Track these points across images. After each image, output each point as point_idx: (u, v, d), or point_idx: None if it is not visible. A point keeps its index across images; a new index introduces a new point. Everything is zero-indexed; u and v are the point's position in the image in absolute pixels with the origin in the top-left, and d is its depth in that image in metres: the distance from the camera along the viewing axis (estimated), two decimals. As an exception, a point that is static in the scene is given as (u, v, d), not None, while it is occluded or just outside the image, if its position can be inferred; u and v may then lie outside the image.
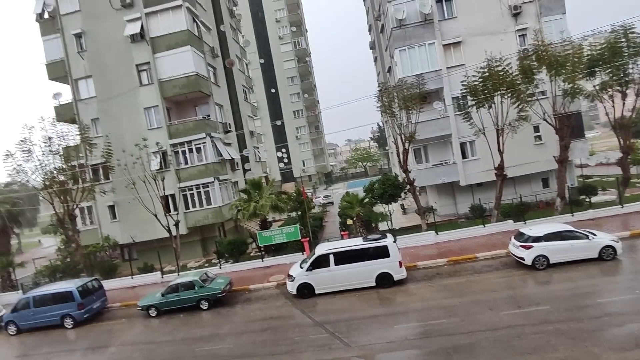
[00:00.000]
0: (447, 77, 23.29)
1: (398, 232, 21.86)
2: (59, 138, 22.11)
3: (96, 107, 26.01)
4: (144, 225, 24.78)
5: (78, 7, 25.96)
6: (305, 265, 15.36)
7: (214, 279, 17.10)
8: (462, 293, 13.15)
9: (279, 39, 70.63)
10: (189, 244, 25.91)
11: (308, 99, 71.77)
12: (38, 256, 31.27)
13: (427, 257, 17.76)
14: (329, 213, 38.40)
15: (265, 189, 23.24)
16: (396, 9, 23.80)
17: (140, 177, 21.81)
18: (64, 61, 26.32)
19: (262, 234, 21.45)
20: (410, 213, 29.73)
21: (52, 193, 21.86)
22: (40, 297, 16.74)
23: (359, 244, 15.21)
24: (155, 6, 24.90)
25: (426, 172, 24.85)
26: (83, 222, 26.47)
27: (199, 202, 25.54)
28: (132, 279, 22.07)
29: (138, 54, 25.34)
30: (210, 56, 28.58)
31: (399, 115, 20.90)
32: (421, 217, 21.68)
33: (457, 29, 23.52)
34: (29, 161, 21.42)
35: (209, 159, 25.38)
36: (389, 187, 22.95)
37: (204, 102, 27.51)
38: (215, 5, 31.54)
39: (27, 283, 23.49)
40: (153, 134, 24.96)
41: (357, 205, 22.71)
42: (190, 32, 25.28)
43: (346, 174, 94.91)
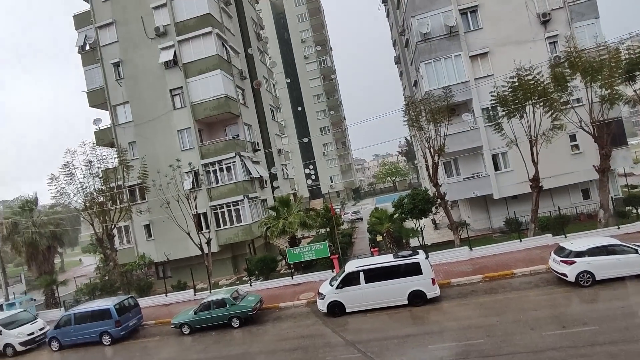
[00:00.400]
0: (476, 88, 22.89)
1: (430, 248, 21.30)
2: (99, 161, 23.35)
3: (133, 131, 27.34)
4: (177, 244, 25.47)
5: (116, 38, 27.68)
6: (335, 282, 15.19)
7: (245, 296, 17.20)
8: (500, 311, 12.53)
9: (305, 58, 72.12)
10: (220, 262, 26.32)
11: (334, 116, 72.36)
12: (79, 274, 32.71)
13: (461, 273, 17.14)
14: (358, 229, 38.03)
15: (293, 206, 23.39)
16: (420, 23, 23.83)
17: (174, 197, 22.53)
18: (104, 89, 27.99)
19: (292, 251, 21.48)
20: (442, 228, 28.96)
21: (92, 214, 22.94)
22: (81, 315, 17.38)
23: (389, 261, 14.90)
24: (187, 34, 26.16)
25: (457, 185, 24.24)
26: (120, 241, 27.51)
27: (229, 220, 26.01)
28: (166, 296, 22.57)
29: (171, 79, 26.59)
30: (239, 78, 29.54)
31: (427, 128, 20.64)
32: (454, 232, 21.04)
33: (484, 40, 23.20)
34: (71, 184, 22.69)
35: (238, 178, 25.93)
36: (419, 202, 22.52)
37: (233, 123, 28.32)
38: (243, 29, 32.76)
39: (68, 300, 24.51)
40: (186, 155, 25.87)
41: (386, 221, 22.38)
42: (220, 57, 26.30)
43: (374, 189, 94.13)
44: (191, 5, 26.18)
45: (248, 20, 33.51)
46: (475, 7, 23.44)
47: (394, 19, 37.12)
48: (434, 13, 23.67)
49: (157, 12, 26.81)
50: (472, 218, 25.85)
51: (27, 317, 19.52)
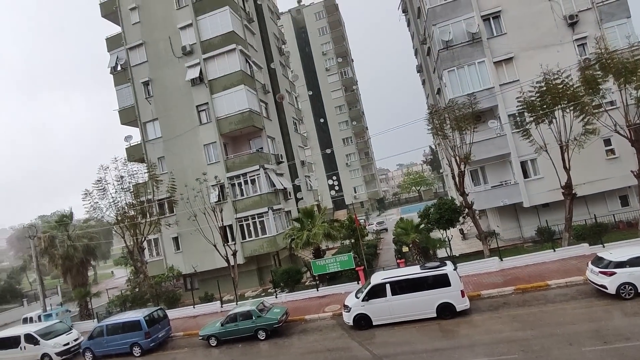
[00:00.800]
0: (501, 94, 22.39)
1: (458, 259, 20.73)
2: (130, 176, 24.19)
3: (162, 147, 28.28)
4: (204, 256, 25.93)
5: (145, 58, 28.92)
6: (360, 295, 14.98)
7: (271, 308, 17.22)
8: (534, 325, 11.97)
9: (326, 70, 72.89)
10: (246, 273, 26.54)
11: (357, 126, 72.41)
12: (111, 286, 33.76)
13: (492, 285, 16.55)
14: (383, 240, 37.52)
15: (317, 217, 23.39)
16: (442, 31, 23.68)
17: (201, 210, 23.01)
18: (134, 107, 29.20)
19: (316, 263, 21.40)
20: (471, 238, 28.17)
21: (124, 227, 23.71)
22: (112, 326, 17.86)
23: (416, 273, 14.59)
24: (212, 51, 27.03)
25: (485, 194, 23.60)
26: (150, 254, 28.26)
27: (254, 232, 26.28)
28: (193, 308, 22.90)
29: (198, 95, 27.44)
30: (262, 92, 30.14)
31: (452, 136, 20.29)
32: (483, 243, 20.42)
33: (508, 45, 22.75)
34: (104, 198, 23.57)
35: (262, 190, 26.25)
36: (445, 212, 22.04)
37: (257, 136, 28.82)
38: (266, 45, 33.53)
39: (101, 312, 25.27)
40: (212, 169, 26.48)
41: (412, 231, 22.00)
42: (244, 72, 26.96)
43: (399, 199, 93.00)
44: (216, 24, 27.09)
45: (270, 36, 34.31)
46: (497, 12, 23.09)
47: (415, 28, 37.05)
48: (455, 20, 23.49)
49: (184, 31, 27.89)
50: (502, 227, 25.02)
51: (63, 327, 20.25)
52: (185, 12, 27.88)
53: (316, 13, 74.28)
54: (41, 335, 18.80)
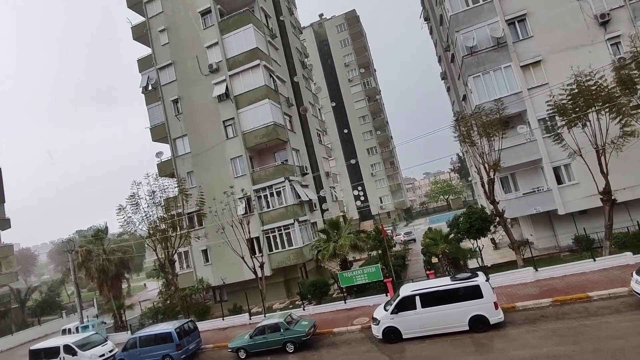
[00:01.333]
0: (530, 98, 21.74)
1: (490, 269, 20.01)
2: (161, 191, 24.97)
3: (191, 161, 29.13)
4: (232, 268, 26.27)
5: (174, 77, 30.09)
6: (389, 307, 14.69)
7: (299, 320, 17.16)
8: (576, 339, 11.33)
9: (349, 81, 73.31)
10: (273, 285, 26.64)
11: (381, 136, 72.09)
12: (143, 299, 34.67)
13: (527, 296, 15.84)
14: (412, 251, 36.80)
15: (343, 228, 23.25)
16: (465, 37, 23.37)
17: (229, 222, 23.40)
18: (165, 124, 30.30)
19: (343, 275, 21.22)
20: (503, 248, 27.20)
21: (155, 240, 24.42)
22: (145, 338, 18.28)
23: (447, 284, 14.18)
24: (237, 68, 27.80)
25: (516, 202, 22.79)
26: (180, 266, 28.91)
27: (281, 244, 26.43)
28: (223, 320, 23.14)
29: (224, 111, 28.20)
30: (286, 105, 30.61)
31: (479, 143, 19.80)
32: (516, 252, 19.64)
33: (535, 48, 22.15)
34: (137, 213, 24.38)
35: (288, 202, 26.45)
36: (475, 221, 21.41)
37: (281, 148, 29.20)
38: (289, 59, 34.16)
39: (134, 324, 25.95)
40: (238, 182, 26.97)
41: (441, 241, 21.48)
42: (268, 87, 27.52)
43: (427, 209, 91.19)
44: (240, 41, 27.90)
45: (293, 50, 34.95)
46: (523, 15, 22.59)
47: (438, 35, 36.77)
48: (479, 26, 23.14)
49: (210, 50, 28.87)
50: (536, 236, 24.03)
51: (98, 339, 20.92)
52: (211, 32, 28.91)
53: (337, 26, 75.23)
54: (79, 347, 19.48)
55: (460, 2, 23.91)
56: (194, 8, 29.56)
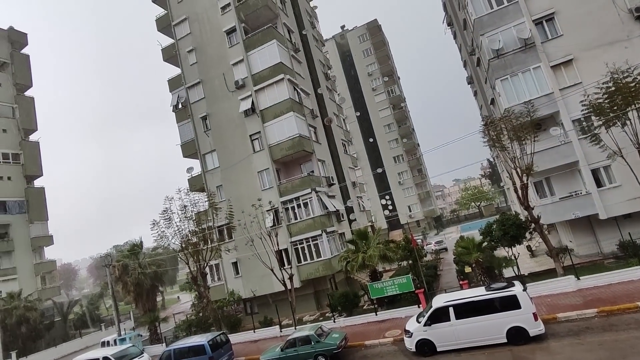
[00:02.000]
0: (562, 99, 20.92)
1: (527, 278, 19.15)
2: (192, 205, 25.63)
3: (220, 176, 29.84)
4: (262, 280, 26.46)
5: (203, 95, 31.13)
6: (422, 319, 14.28)
7: (329, 333, 16.98)
8: (624, 353, 10.58)
9: (373, 90, 73.23)
10: (303, 297, 26.57)
11: (407, 143, 71.24)
12: (177, 311, 35.40)
13: (569, 307, 15.00)
14: (443, 260, 35.81)
15: (372, 238, 22.99)
16: (491, 40, 22.88)
17: (257, 235, 23.67)
18: (194, 140, 31.27)
19: (374, 286, 20.89)
20: (540, 255, 25.99)
21: (187, 254, 25.00)
22: (179, 350, 18.56)
23: (482, 295, 13.65)
24: (262, 83, 28.43)
25: (552, 207, 21.79)
26: (212, 279, 29.41)
27: (309, 255, 26.41)
28: (254, 332, 23.25)
29: (250, 125, 28.81)
30: (311, 117, 30.90)
31: (510, 147, 19.18)
32: (554, 260, 18.71)
33: (566, 47, 21.36)
34: (170, 227, 25.09)
35: (315, 213, 26.48)
36: (509, 228, 20.65)
37: (307, 160, 29.40)
38: (312, 71, 34.60)
39: (169, 336, 26.51)
40: (266, 194, 27.32)
41: (474, 250, 20.79)
42: (292, 100, 27.93)
43: (458, 217, 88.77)
44: (264, 57, 28.57)
45: (316, 63, 35.39)
46: (551, 14, 21.89)
47: (462, 39, 36.24)
48: (504, 28, 22.62)
49: (236, 67, 29.72)
50: (575, 243, 22.82)
51: (135, 351, 21.48)
52: (236, 50, 29.78)
53: (359, 36, 75.65)
54: (117, 359, 20.04)
55: (483, 5, 23.50)
56: (220, 28, 30.62)
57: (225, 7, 30.53)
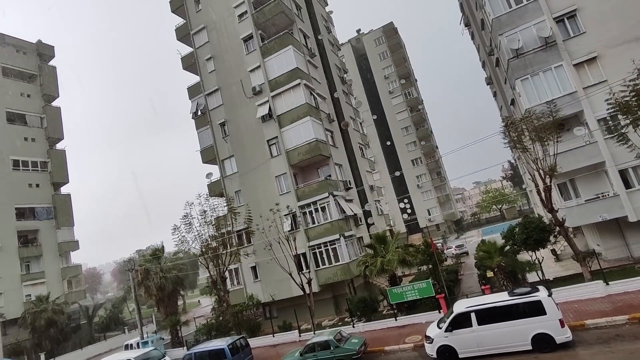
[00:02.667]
0: (586, 98, 20.29)
1: (552, 283, 18.58)
2: (211, 210, 26.01)
3: (238, 181, 30.21)
4: (281, 284, 26.54)
5: (221, 101, 31.67)
6: (443, 325, 14.02)
7: (349, 338, 16.87)
8: (660, 363, 10.11)
9: (389, 93, 72.83)
10: (321, 302, 26.50)
11: (426, 146, 70.44)
12: (198, 315, 35.88)
13: (598, 313, 14.45)
14: (464, 265, 35.11)
15: (390, 242, 22.76)
16: (510, 40, 22.44)
17: (275, 239, 23.79)
18: (213, 146, 31.80)
19: (393, 291, 20.65)
20: (566, 259, 25.19)
21: (207, 258, 25.34)
22: (200, 354, 18.77)
23: (505, 300, 13.30)
24: (279, 89, 28.71)
25: (578, 209, 21.09)
26: (231, 283, 29.70)
27: (327, 260, 26.36)
28: (273, 337, 23.32)
29: (268, 130, 29.09)
30: (327, 121, 30.96)
31: (532, 148, 18.69)
32: (581, 264, 18.09)
33: (589, 44, 20.75)
34: (190, 232, 25.52)
35: (333, 217, 26.44)
36: (532, 231, 20.09)
37: (324, 164, 29.44)
38: (328, 76, 34.71)
39: (189, 340, 26.84)
40: (284, 199, 27.47)
41: (496, 254, 20.31)
42: (309, 105, 28.08)
43: (479, 220, 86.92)
44: (281, 63, 28.86)
45: (332, 67, 35.49)
46: (573, 12, 21.32)
47: (480, 40, 35.67)
48: (523, 27, 22.16)
49: (253, 74, 30.13)
50: (603, 246, 21.99)
51: (157, 355, 21.80)
52: (253, 56, 30.20)
53: (375, 39, 75.50)
54: (139, 362, 20.41)
55: (502, 4, 23.10)
56: (237, 35, 31.12)
57: (242, 15, 31.04)
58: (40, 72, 47.58)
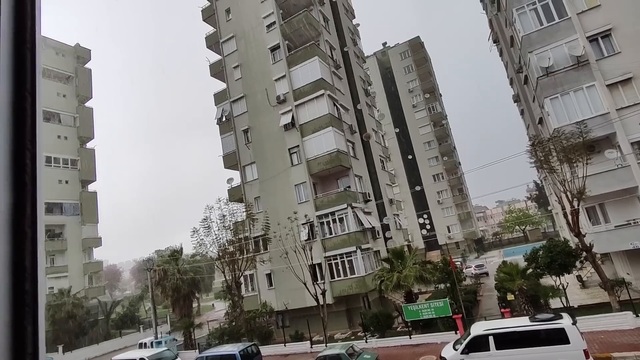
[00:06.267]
0: (620, 120, 19.58)
1: (577, 311, 17.78)
2: (230, 215, 26.33)
3: (258, 187, 30.50)
4: (295, 293, 26.41)
5: (245, 108, 32.24)
6: (459, 346, 13.59)
7: (361, 353, 16.58)
8: (694, 404, 9.45)
9: (413, 107, 72.37)
10: (335, 314, 26.19)
11: (448, 162, 69.35)
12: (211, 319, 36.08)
13: (627, 346, 13.69)
14: (484, 286, 34.08)
15: (408, 258, 22.40)
16: (540, 58, 21.99)
17: (292, 248, 23.79)
18: (236, 152, 32.31)
19: (409, 308, 20.23)
20: (592, 287, 24.10)
21: (224, 262, 25.56)
22: (211, 358, 18.84)
23: (525, 325, 12.81)
24: (303, 98, 29.01)
25: (607, 235, 20.19)
26: (246, 289, 29.78)
27: (343, 272, 26.12)
28: (284, 346, 23.16)
29: (290, 139, 29.35)
30: (349, 132, 30.99)
31: (560, 169, 18.12)
32: (609, 293, 17.26)
33: (624, 65, 20.08)
34: (208, 235, 25.87)
35: (350, 229, 26.25)
36: (557, 255, 19.37)
37: (344, 175, 29.38)
38: (352, 87, 34.87)
39: (202, 343, 26.99)
40: (302, 207, 27.51)
41: (518, 277, 19.62)
42: (332, 115, 28.21)
43: (500, 240, 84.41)
44: (306, 73, 29.20)
45: (356, 79, 35.65)
46: (607, 31, 20.74)
47: (509, 57, 35.14)
48: (555, 45, 21.69)
49: (278, 83, 30.59)
50: (634, 275, 20.89)
51: (170, 356, 22.05)
52: (279, 66, 30.69)
53: (401, 53, 75.46)
54: (153, 361, 20.66)
55: (532, 22, 22.73)
56: (265, 45, 31.75)
57: (271, 26, 31.67)
58: (76, 73, 49.82)
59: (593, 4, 21.13)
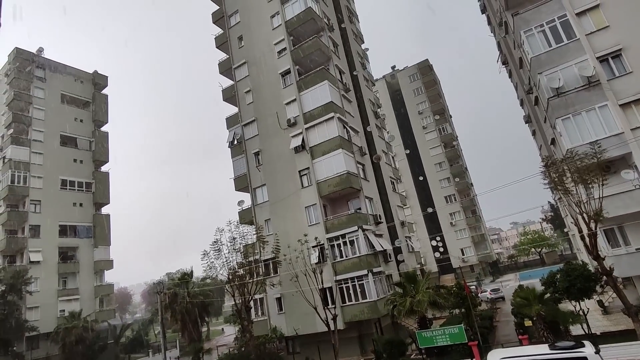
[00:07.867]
0: (635, 140, 19.22)
1: (599, 338, 17.01)
2: (241, 238, 26.23)
3: (268, 210, 30.52)
4: (305, 318, 25.88)
5: (256, 132, 32.71)
6: (475, 375, 13.03)
7: (373, 382, 15.99)
8: None
9: (423, 128, 72.53)
10: (346, 340, 25.50)
11: (460, 183, 68.68)
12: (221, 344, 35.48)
13: (656, 378, 12.94)
14: (500, 311, 33.00)
15: (421, 282, 21.89)
16: (550, 79, 21.94)
17: (302, 271, 23.49)
18: (246, 175, 32.58)
19: (422, 334, 19.60)
20: (615, 313, 23.10)
21: (234, 286, 25.29)
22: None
23: (545, 353, 12.18)
24: (313, 121, 29.34)
25: (628, 258, 19.48)
26: (255, 313, 29.33)
27: (354, 296, 25.61)
28: (294, 373, 22.51)
29: (300, 161, 29.53)
30: (359, 154, 31.06)
31: (575, 190, 17.72)
32: (633, 320, 16.48)
33: (637, 84, 19.89)
34: (219, 258, 25.71)
35: (361, 251, 25.90)
36: (576, 279, 18.71)
37: (355, 197, 29.26)
38: (362, 110, 35.21)
39: (211, 369, 26.44)
40: (312, 230, 27.32)
41: (535, 301, 18.97)
42: (342, 137, 28.39)
43: (516, 263, 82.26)
44: (316, 97, 29.66)
45: (366, 102, 36.04)
46: (617, 51, 20.68)
47: (518, 78, 35.20)
48: (565, 66, 21.64)
49: (289, 106, 31.08)
50: (660, 301, 20.01)
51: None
52: (290, 90, 31.27)
53: (410, 76, 76.36)
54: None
55: (541, 43, 22.81)
56: (275, 70, 32.49)
57: (282, 52, 32.48)
58: (93, 99, 51.55)
59: (601, 25, 21.20)
